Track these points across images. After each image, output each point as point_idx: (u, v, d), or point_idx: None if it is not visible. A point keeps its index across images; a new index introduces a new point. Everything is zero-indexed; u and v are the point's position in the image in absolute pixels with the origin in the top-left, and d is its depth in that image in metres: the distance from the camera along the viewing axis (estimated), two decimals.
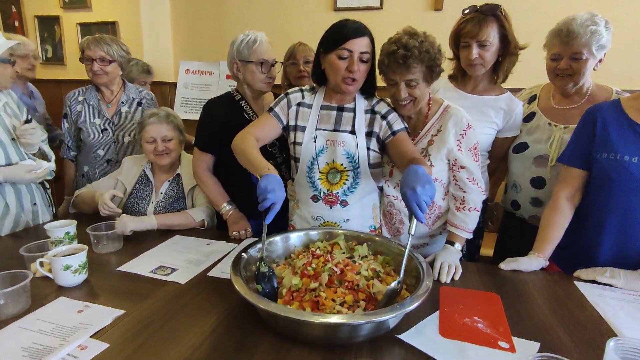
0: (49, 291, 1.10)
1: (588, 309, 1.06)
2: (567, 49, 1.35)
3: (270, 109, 1.38)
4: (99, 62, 1.90)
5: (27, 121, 1.57)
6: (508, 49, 1.45)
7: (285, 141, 1.45)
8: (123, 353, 0.84)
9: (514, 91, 1.62)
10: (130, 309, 1.01)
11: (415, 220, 0.99)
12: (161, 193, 1.68)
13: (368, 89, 1.34)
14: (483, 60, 1.43)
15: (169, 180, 1.70)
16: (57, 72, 3.27)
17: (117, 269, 1.25)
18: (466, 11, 1.44)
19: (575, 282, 1.19)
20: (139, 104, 2.07)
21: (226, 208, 1.58)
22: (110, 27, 3.04)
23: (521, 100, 1.61)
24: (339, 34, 1.21)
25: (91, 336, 0.89)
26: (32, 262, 1.17)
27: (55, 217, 1.78)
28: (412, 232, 0.99)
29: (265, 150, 1.58)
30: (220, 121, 1.59)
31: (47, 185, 1.79)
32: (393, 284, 0.96)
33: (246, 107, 1.63)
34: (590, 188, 1.27)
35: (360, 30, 1.21)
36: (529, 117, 1.55)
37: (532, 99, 1.60)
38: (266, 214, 1.01)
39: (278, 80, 2.79)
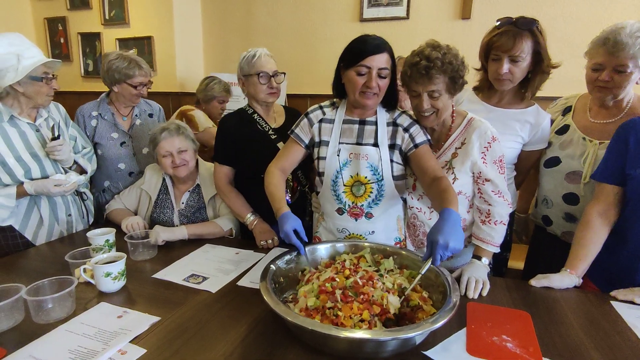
0: (91, 296, 1.17)
1: (625, 331, 1.02)
2: (612, 60, 1.28)
3: (291, 131, 1.43)
4: (147, 86, 1.95)
5: (55, 138, 1.61)
6: (540, 66, 1.40)
7: None
8: (159, 359, 0.89)
9: (542, 100, 1.57)
10: (165, 316, 1.06)
11: (429, 263, 1.01)
12: (182, 203, 1.74)
13: (389, 102, 1.36)
14: (512, 76, 1.40)
15: (189, 191, 1.75)
16: (96, 84, 3.48)
17: (152, 276, 1.31)
18: (498, 23, 1.41)
19: (612, 302, 1.15)
20: (150, 115, 2.10)
21: (250, 219, 1.63)
22: (146, 41, 3.20)
23: (555, 111, 1.57)
24: (358, 50, 1.24)
25: (130, 341, 0.94)
26: (76, 268, 1.26)
27: (92, 226, 1.85)
28: (423, 272, 1.03)
29: None
30: (237, 134, 1.65)
31: (86, 197, 1.84)
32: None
33: (259, 120, 1.69)
34: (627, 205, 1.23)
35: (379, 46, 1.22)
36: (562, 130, 1.50)
37: (566, 110, 1.54)
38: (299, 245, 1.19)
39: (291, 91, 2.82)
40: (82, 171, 1.79)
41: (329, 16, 3.02)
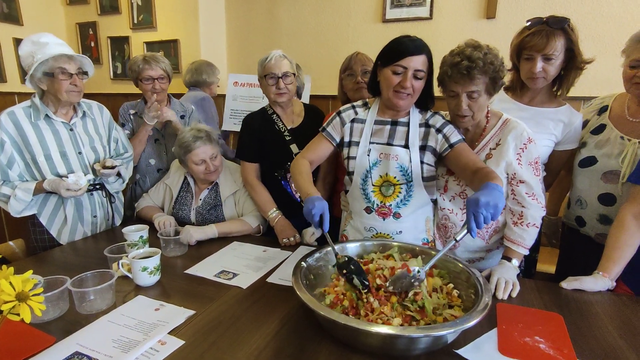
0: (129, 289, 1.23)
1: None
2: None
3: (323, 129, 1.45)
4: (159, 80, 2.00)
5: (109, 167, 1.69)
6: (573, 63, 1.39)
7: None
8: (198, 350, 0.93)
9: (571, 100, 1.54)
10: (200, 310, 1.10)
11: (465, 230, 1.00)
12: (200, 199, 1.79)
13: (424, 104, 1.36)
14: (546, 74, 1.38)
15: (208, 189, 1.80)
16: (124, 87, 3.59)
17: (184, 272, 1.35)
18: (528, 23, 1.40)
19: None
20: (182, 117, 2.16)
21: (273, 214, 1.68)
22: (172, 44, 3.29)
23: (590, 110, 1.55)
24: (397, 50, 1.25)
25: (168, 333, 0.98)
26: (114, 262, 1.31)
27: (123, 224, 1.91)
28: (458, 239, 1.01)
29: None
30: (258, 133, 1.73)
31: (115, 199, 1.86)
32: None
33: (277, 119, 1.75)
34: None
35: (418, 48, 1.23)
36: (598, 130, 1.47)
37: (602, 109, 1.51)
38: (321, 225, 1.13)
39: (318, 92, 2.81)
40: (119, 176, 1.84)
41: (352, 18, 3.03)
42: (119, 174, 1.81)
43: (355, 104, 1.44)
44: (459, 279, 1.10)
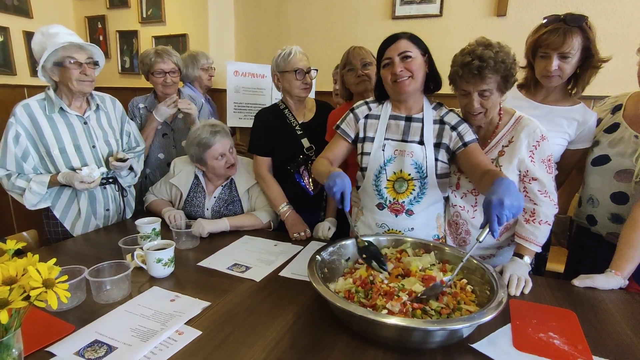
0: (143, 280, 1.24)
1: None
2: None
3: (337, 127, 1.46)
4: (170, 74, 2.03)
5: (121, 160, 1.70)
6: (590, 62, 1.38)
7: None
8: (215, 340, 0.94)
9: (581, 99, 1.54)
10: (215, 302, 1.11)
11: (487, 230, 0.99)
12: (214, 197, 1.77)
13: (433, 87, 1.37)
14: (562, 72, 1.38)
15: (222, 185, 1.78)
16: (133, 81, 3.60)
17: (197, 264, 1.37)
18: (544, 20, 1.39)
19: None
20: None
21: (284, 208, 1.70)
22: (180, 39, 3.29)
23: (604, 109, 1.55)
24: (380, 50, 1.32)
25: (185, 323, 0.99)
26: (129, 253, 1.32)
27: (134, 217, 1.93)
28: (481, 240, 1.00)
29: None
30: (271, 128, 1.77)
31: (127, 193, 1.87)
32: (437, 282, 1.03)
33: (288, 115, 1.78)
34: None
35: (392, 36, 1.29)
36: (612, 128, 1.46)
37: (616, 108, 1.51)
38: (342, 203, 1.11)
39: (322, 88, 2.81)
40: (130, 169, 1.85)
41: (361, 15, 3.02)
42: (131, 168, 1.82)
43: (368, 100, 1.45)
44: (473, 275, 1.11)
